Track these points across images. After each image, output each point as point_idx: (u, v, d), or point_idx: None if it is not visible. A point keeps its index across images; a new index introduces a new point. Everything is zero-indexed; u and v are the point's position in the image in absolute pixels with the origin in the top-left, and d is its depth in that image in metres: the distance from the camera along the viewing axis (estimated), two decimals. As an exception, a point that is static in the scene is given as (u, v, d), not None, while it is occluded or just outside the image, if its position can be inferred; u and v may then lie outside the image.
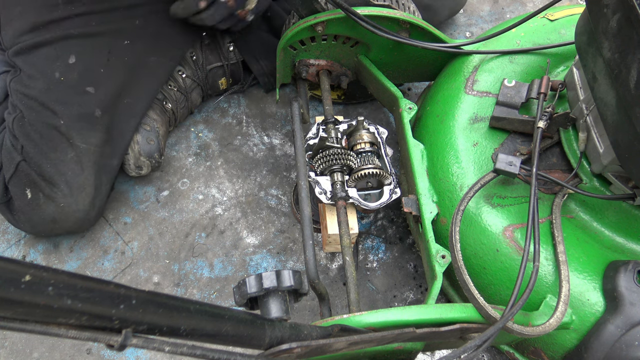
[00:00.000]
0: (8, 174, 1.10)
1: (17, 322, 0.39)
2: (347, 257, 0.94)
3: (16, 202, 1.10)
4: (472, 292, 0.81)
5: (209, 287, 1.17)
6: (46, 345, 1.10)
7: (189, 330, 0.50)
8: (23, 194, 1.09)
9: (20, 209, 1.10)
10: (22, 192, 1.09)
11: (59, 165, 1.08)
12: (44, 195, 1.08)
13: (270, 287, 0.62)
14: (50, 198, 1.08)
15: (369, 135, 1.06)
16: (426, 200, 0.97)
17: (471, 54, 1.10)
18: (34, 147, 1.08)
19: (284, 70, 1.20)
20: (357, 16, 1.02)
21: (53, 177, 1.07)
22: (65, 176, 1.08)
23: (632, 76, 0.68)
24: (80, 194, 1.09)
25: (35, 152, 1.07)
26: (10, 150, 1.10)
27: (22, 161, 1.08)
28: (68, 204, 1.08)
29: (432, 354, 1.11)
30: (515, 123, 0.98)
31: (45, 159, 1.07)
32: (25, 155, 1.08)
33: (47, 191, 1.08)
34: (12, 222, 1.15)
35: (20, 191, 1.09)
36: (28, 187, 1.09)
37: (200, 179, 1.30)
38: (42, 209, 1.08)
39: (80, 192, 1.09)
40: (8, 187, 1.11)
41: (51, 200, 1.08)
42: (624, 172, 0.88)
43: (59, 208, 1.08)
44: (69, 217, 1.10)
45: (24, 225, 1.13)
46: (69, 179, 1.08)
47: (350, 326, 0.74)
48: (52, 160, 1.07)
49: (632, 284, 0.82)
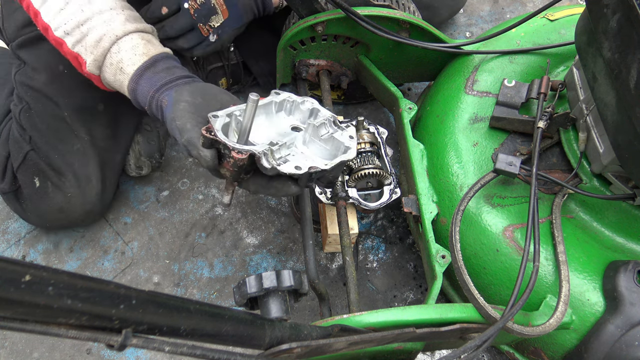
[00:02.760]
0: (16, 162, 1.11)
1: (17, 322, 0.39)
2: (347, 257, 0.94)
3: (25, 191, 1.12)
4: (472, 292, 0.81)
5: (209, 287, 1.17)
6: (46, 345, 1.10)
7: (189, 330, 0.50)
8: (31, 182, 1.11)
9: (29, 197, 1.12)
10: (30, 180, 1.11)
11: (67, 155, 1.10)
12: (52, 184, 1.10)
13: (270, 287, 0.62)
14: (58, 187, 1.10)
15: (369, 135, 1.06)
16: (426, 200, 0.97)
17: (471, 54, 1.10)
18: (41, 137, 1.10)
19: (284, 70, 1.20)
20: (357, 16, 1.02)
21: (61, 167, 1.09)
22: (72, 167, 1.10)
23: (632, 76, 0.68)
24: (87, 185, 1.11)
25: (43, 143, 1.10)
26: (18, 140, 1.11)
27: (30, 151, 1.10)
28: (75, 195, 1.10)
29: (432, 354, 1.11)
30: (515, 123, 0.98)
31: (53, 149, 1.09)
32: (34, 145, 1.10)
33: (55, 180, 1.10)
34: (20, 212, 1.16)
35: (28, 180, 1.11)
36: (36, 176, 1.11)
37: (200, 179, 1.30)
38: (50, 197, 1.10)
39: (87, 183, 1.11)
40: (17, 176, 1.13)
41: (59, 189, 1.10)
42: (624, 172, 0.88)
43: (66, 198, 1.10)
44: (76, 208, 1.12)
45: (31, 214, 1.14)
46: (76, 170, 1.10)
47: (350, 326, 0.74)
48: (60, 151, 1.10)
49: (632, 284, 0.82)
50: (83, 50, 0.90)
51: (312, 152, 0.81)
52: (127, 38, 0.90)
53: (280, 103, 0.84)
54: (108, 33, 0.88)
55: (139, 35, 0.91)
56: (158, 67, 0.90)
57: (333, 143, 0.81)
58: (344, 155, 0.78)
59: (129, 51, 0.90)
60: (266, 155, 0.72)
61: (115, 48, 0.90)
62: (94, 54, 0.90)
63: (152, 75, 0.89)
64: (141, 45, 0.90)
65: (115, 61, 0.90)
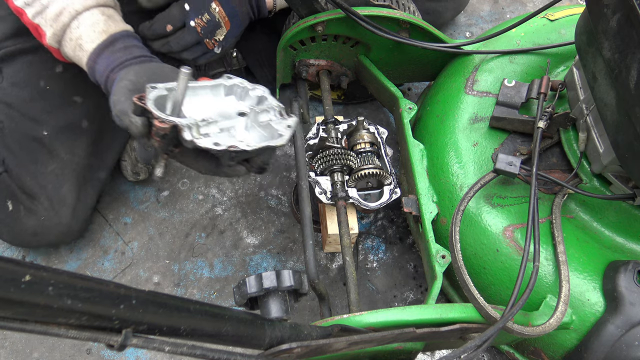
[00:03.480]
0: None
1: (17, 322, 0.39)
2: (347, 257, 0.94)
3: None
4: (472, 292, 0.81)
5: (209, 287, 1.17)
6: (46, 345, 1.10)
7: (189, 330, 0.50)
8: (4, 205, 1.07)
9: (2, 220, 1.08)
10: (3, 203, 1.07)
11: (39, 177, 1.05)
12: (24, 207, 1.06)
13: (270, 287, 0.62)
14: (31, 211, 1.06)
15: (369, 135, 1.06)
16: (426, 200, 0.97)
17: (471, 54, 1.10)
18: (14, 158, 1.05)
19: (284, 70, 1.20)
20: (357, 16, 1.02)
21: (33, 190, 1.05)
22: (45, 189, 1.05)
23: (632, 76, 0.68)
24: (62, 208, 1.07)
25: (15, 164, 1.05)
26: None
27: (3, 172, 1.06)
28: (49, 218, 1.06)
29: (432, 354, 1.11)
30: (515, 123, 0.98)
31: (26, 171, 1.05)
32: (6, 167, 1.06)
33: (27, 204, 1.05)
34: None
35: (1, 203, 1.07)
36: (9, 199, 1.06)
37: (200, 179, 1.30)
38: (23, 222, 1.06)
39: (62, 205, 1.07)
40: None
41: (32, 213, 1.06)
42: (624, 172, 0.88)
43: (39, 222, 1.06)
44: (51, 231, 1.08)
45: (6, 236, 1.11)
46: (49, 193, 1.05)
47: (350, 326, 0.74)
48: (32, 173, 1.05)
49: (632, 284, 0.82)
50: (43, 22, 0.89)
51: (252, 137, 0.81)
52: (88, 13, 0.88)
53: (230, 87, 0.83)
54: (68, 7, 0.87)
55: (99, 10, 0.89)
56: (116, 45, 0.89)
57: (270, 130, 0.81)
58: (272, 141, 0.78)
59: (88, 28, 0.89)
60: (190, 128, 0.72)
61: (75, 23, 0.89)
62: (54, 28, 0.89)
63: (110, 54, 0.88)
64: (101, 21, 0.89)
65: (75, 37, 0.89)
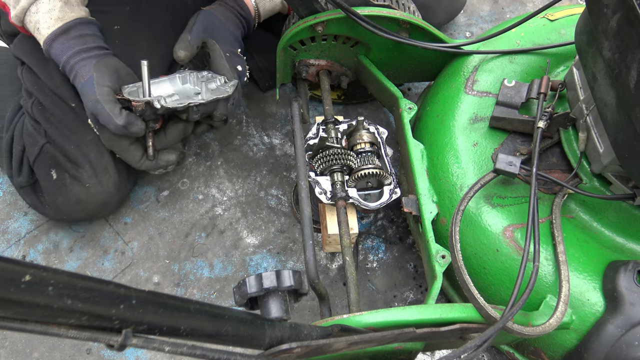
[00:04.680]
0: (32, 156, 1.12)
1: (17, 322, 0.39)
2: (347, 257, 0.94)
3: (42, 183, 1.12)
4: (472, 292, 0.81)
5: (209, 287, 1.17)
6: (46, 345, 1.10)
7: (189, 330, 0.50)
8: (48, 175, 1.11)
9: (46, 190, 1.12)
10: (47, 173, 1.11)
11: (82, 146, 1.10)
12: (69, 175, 1.10)
13: (270, 287, 0.62)
14: (76, 178, 1.10)
15: (369, 135, 1.06)
16: (426, 200, 0.97)
17: (471, 54, 1.10)
18: (55, 129, 1.10)
19: (284, 70, 1.20)
20: (357, 16, 1.02)
21: (77, 158, 1.10)
22: (88, 157, 1.10)
23: (632, 76, 0.68)
24: (105, 176, 1.12)
25: (57, 135, 1.10)
26: (32, 134, 1.12)
27: (46, 143, 1.11)
28: (93, 185, 1.11)
29: (432, 354, 1.11)
30: (515, 123, 0.98)
31: (68, 141, 1.10)
32: (49, 138, 1.11)
33: (72, 172, 1.10)
34: (37, 205, 1.16)
35: (45, 172, 1.11)
36: (53, 168, 1.11)
37: (200, 178, 1.30)
38: (68, 189, 1.10)
39: (104, 173, 1.12)
40: (33, 169, 1.13)
41: (77, 180, 1.10)
42: (624, 172, 0.88)
43: (84, 188, 1.10)
44: (94, 198, 1.12)
45: (49, 207, 1.14)
46: (93, 160, 1.10)
47: (350, 326, 0.74)
48: (74, 142, 1.10)
49: (632, 284, 0.82)
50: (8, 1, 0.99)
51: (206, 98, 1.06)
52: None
53: (184, 77, 1.09)
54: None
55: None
56: (71, 34, 0.99)
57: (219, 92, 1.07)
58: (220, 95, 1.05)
59: (45, 14, 0.97)
60: (159, 101, 0.98)
61: (34, 8, 0.97)
62: (16, 10, 0.98)
63: (65, 41, 0.99)
64: (57, 8, 0.97)
65: (34, 20, 0.98)
